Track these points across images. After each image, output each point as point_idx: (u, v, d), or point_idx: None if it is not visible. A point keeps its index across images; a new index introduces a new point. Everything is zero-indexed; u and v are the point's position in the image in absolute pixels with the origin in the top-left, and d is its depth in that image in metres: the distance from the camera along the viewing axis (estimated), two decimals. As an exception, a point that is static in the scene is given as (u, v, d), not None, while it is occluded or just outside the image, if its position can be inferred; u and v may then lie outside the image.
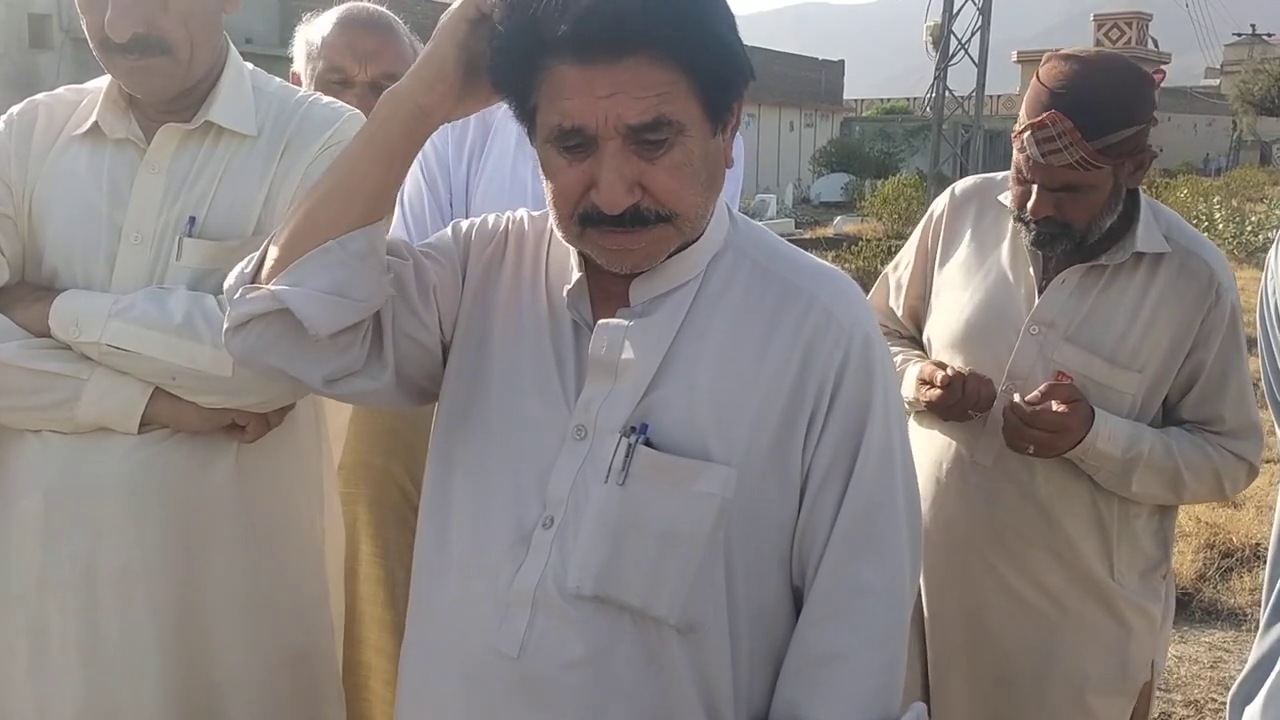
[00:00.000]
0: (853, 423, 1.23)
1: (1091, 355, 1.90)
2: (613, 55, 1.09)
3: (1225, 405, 1.92)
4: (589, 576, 1.19)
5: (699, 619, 1.21)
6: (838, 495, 1.23)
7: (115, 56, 1.60)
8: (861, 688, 1.21)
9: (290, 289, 1.20)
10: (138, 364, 1.59)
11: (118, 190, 1.66)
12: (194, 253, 1.64)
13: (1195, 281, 1.90)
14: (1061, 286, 1.94)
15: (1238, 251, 15.22)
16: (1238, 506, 5.30)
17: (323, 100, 1.78)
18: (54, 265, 1.67)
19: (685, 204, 1.17)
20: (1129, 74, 1.84)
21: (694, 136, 1.15)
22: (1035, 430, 1.84)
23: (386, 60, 2.18)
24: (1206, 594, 4.43)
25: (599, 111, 1.11)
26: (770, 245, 1.32)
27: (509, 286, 1.33)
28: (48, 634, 1.64)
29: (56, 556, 1.62)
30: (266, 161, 1.68)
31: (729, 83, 1.17)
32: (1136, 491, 1.90)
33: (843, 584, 1.22)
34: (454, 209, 2.06)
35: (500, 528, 1.25)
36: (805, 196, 31.57)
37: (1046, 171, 1.82)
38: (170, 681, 1.64)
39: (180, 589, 1.64)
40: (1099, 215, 1.86)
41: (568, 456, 1.23)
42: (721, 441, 1.20)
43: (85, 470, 1.62)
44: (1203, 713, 3.57)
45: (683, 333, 1.24)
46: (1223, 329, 1.90)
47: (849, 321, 1.24)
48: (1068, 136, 1.76)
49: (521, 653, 1.21)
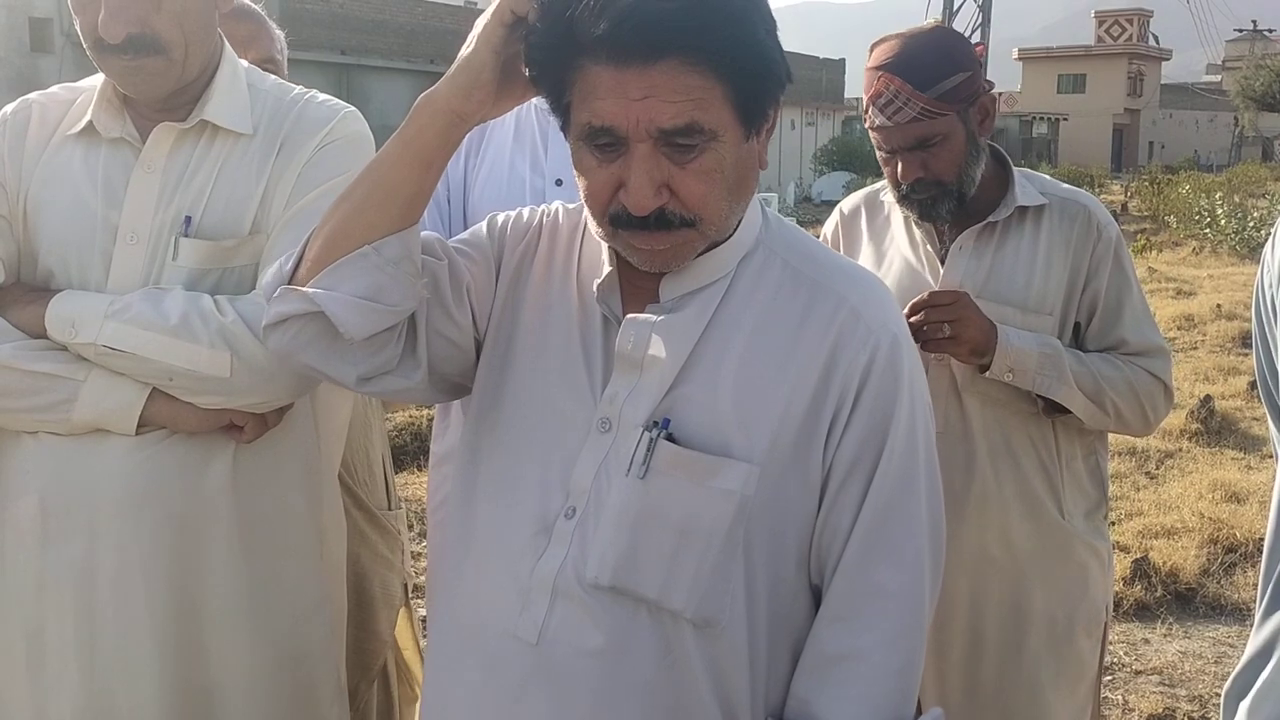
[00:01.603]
0: (877, 424, 1.22)
1: (1004, 306, 2.00)
2: (647, 59, 1.09)
3: (1124, 329, 2.04)
4: (607, 567, 1.20)
5: (715, 614, 1.21)
6: (859, 496, 1.23)
7: (109, 57, 1.59)
8: (875, 690, 1.20)
9: (326, 293, 1.22)
10: (134, 365, 1.59)
11: (113, 190, 1.65)
12: (190, 252, 1.63)
13: (1076, 223, 2.03)
14: (960, 252, 2.05)
15: (1240, 247, 15.19)
16: (1241, 501, 5.29)
17: (319, 98, 1.77)
18: (49, 266, 1.66)
19: (710, 209, 1.18)
20: (941, 32, 2.02)
21: (726, 142, 1.15)
22: (934, 309, 1.91)
23: (263, 45, 2.23)
24: (1210, 589, 4.42)
25: (631, 114, 1.11)
26: (802, 246, 1.32)
27: (540, 279, 1.34)
28: (45, 635, 1.63)
29: (54, 558, 1.62)
30: (262, 160, 1.68)
31: (764, 89, 1.17)
32: (1074, 394, 1.95)
33: (860, 585, 1.22)
34: (452, 205, 2.06)
35: (524, 517, 1.26)
36: (807, 195, 31.55)
37: (899, 133, 1.94)
38: (167, 682, 1.64)
39: (177, 590, 1.64)
40: (965, 166, 1.97)
41: (591, 448, 1.24)
42: (744, 439, 1.21)
43: (82, 471, 1.62)
44: (1206, 708, 3.56)
45: (710, 330, 1.24)
46: (1109, 260, 2.03)
47: (877, 323, 1.24)
48: (904, 94, 1.89)
49: (540, 640, 1.22)
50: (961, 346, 1.92)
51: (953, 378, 2.02)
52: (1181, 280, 12.60)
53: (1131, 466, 5.93)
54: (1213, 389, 7.37)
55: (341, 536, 1.91)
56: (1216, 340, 9.21)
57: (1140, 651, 3.98)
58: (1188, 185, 21.48)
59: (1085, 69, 58.15)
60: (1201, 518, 4.98)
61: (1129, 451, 6.10)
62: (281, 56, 2.33)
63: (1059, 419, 2.02)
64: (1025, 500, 2.02)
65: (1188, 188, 20.90)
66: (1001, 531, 2.02)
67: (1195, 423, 6.54)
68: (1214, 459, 6.09)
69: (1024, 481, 2.02)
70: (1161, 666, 3.85)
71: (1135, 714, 3.53)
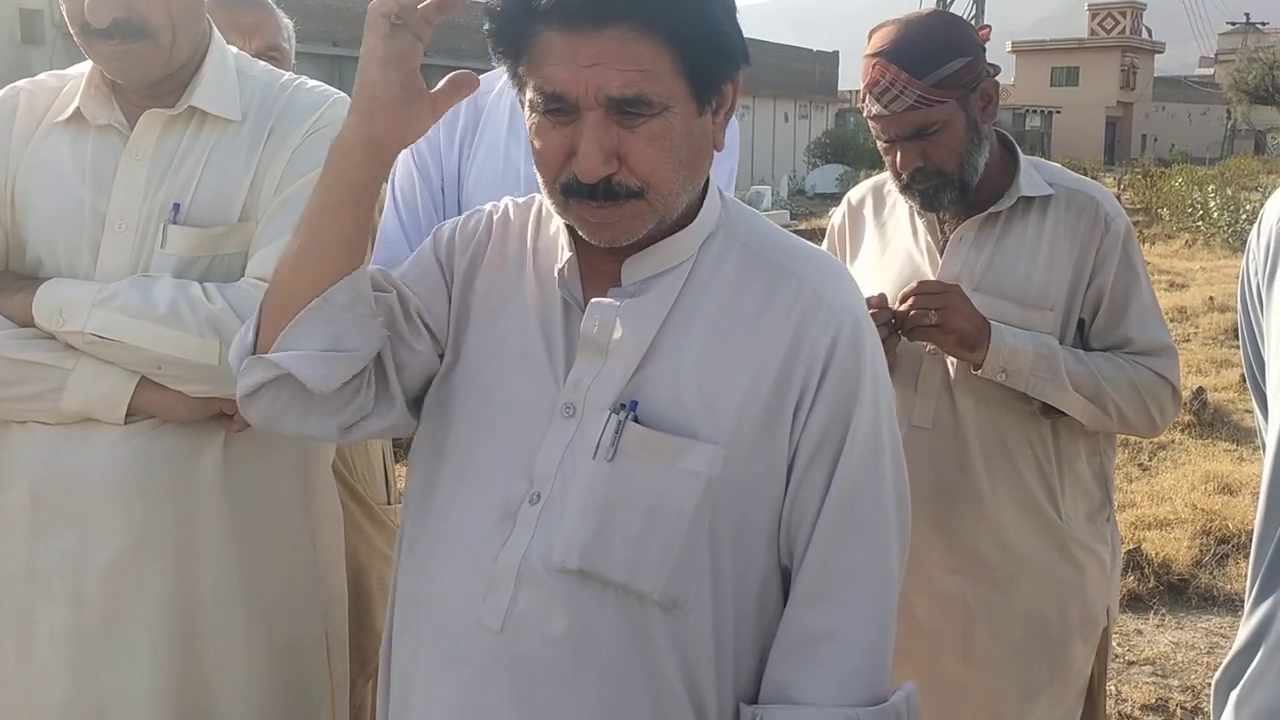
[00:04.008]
0: (841, 405, 1.23)
1: (1001, 300, 1.95)
2: (597, 23, 1.10)
3: (1130, 326, 1.97)
4: (575, 551, 1.20)
5: (682, 595, 1.22)
6: (825, 476, 1.23)
7: (96, 42, 1.58)
8: (850, 668, 1.21)
9: (288, 354, 1.22)
10: (123, 353, 1.58)
11: (101, 177, 1.64)
12: (179, 240, 1.62)
13: (1084, 215, 1.97)
14: (960, 243, 2.00)
15: (1232, 240, 15.21)
16: (1234, 493, 5.31)
17: (308, 84, 1.76)
18: (37, 254, 1.65)
19: (659, 176, 1.17)
20: (941, 17, 1.97)
21: (677, 114, 1.16)
22: (921, 295, 1.88)
23: (268, 33, 2.21)
24: (1203, 580, 4.43)
25: (581, 80, 1.12)
26: (762, 229, 1.33)
27: (494, 273, 1.34)
28: (34, 626, 1.62)
29: (43, 548, 1.61)
30: (251, 147, 1.67)
31: (717, 63, 1.17)
32: (1070, 397, 1.91)
33: (830, 565, 1.23)
34: (446, 195, 2.04)
35: (488, 504, 1.26)
36: (800, 188, 31.55)
37: (896, 122, 1.89)
38: (158, 673, 1.63)
39: (168, 579, 1.63)
40: (966, 154, 1.92)
41: (555, 433, 1.24)
42: (709, 421, 1.21)
43: (71, 461, 1.61)
44: (1199, 698, 3.57)
45: (673, 314, 1.25)
46: (1116, 254, 1.97)
47: (840, 305, 1.25)
48: (900, 82, 1.85)
49: (504, 626, 1.22)
50: (948, 336, 1.88)
51: (946, 374, 1.98)
52: (1174, 273, 12.64)
53: (1124, 458, 5.95)
54: (1205, 381, 7.39)
55: (337, 526, 1.90)
56: (1209, 333, 9.24)
57: (1133, 642, 3.99)
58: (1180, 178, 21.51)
59: (1078, 62, 58.20)
60: (1194, 509, 5.00)
61: (1122, 443, 6.10)
62: (289, 45, 2.32)
63: (1060, 419, 1.97)
64: (1020, 500, 1.97)
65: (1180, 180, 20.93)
66: (995, 531, 1.98)
67: (1188, 414, 6.56)
68: (1206, 451, 6.11)
69: (1019, 481, 1.97)
70: (1154, 657, 3.87)
71: (1128, 704, 3.54)
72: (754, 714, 1.23)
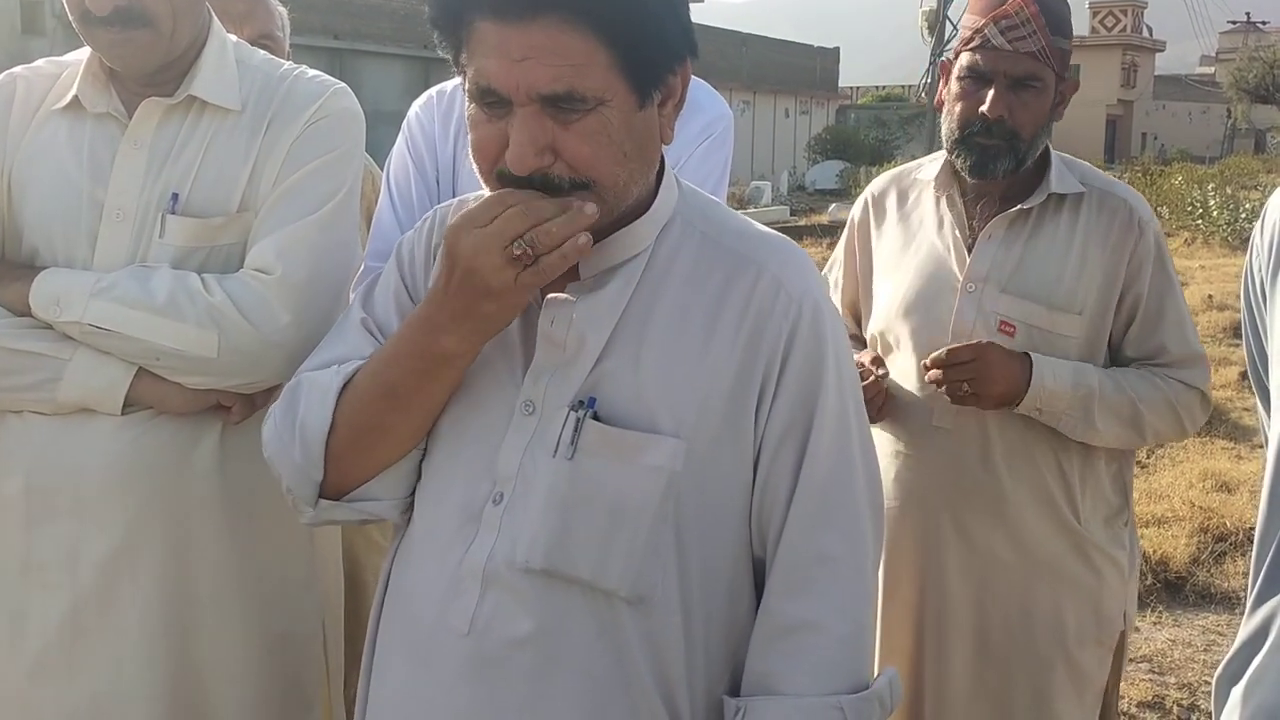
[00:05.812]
0: (806, 390, 1.22)
1: (1029, 301, 1.93)
2: (526, 14, 1.09)
3: (1166, 336, 1.96)
4: (539, 550, 1.20)
5: (649, 591, 1.21)
6: (794, 462, 1.22)
7: (96, 30, 1.57)
8: (831, 656, 1.20)
9: (375, 503, 1.32)
10: (120, 344, 1.57)
11: (99, 166, 1.63)
12: (177, 230, 1.61)
13: (1116, 218, 1.95)
14: (989, 240, 1.97)
15: (1232, 239, 15.21)
16: (1231, 491, 5.30)
17: (308, 74, 1.75)
18: (34, 243, 1.64)
19: (600, 172, 1.16)
20: None
21: (614, 108, 1.14)
22: (956, 366, 1.87)
23: (260, 20, 2.20)
24: (1200, 578, 4.43)
25: (512, 76, 1.11)
26: (718, 216, 1.32)
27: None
28: (29, 618, 1.62)
29: (39, 538, 1.60)
30: (250, 137, 1.65)
31: (654, 56, 1.15)
32: (1101, 432, 1.91)
33: (805, 554, 1.22)
34: (441, 186, 2.03)
35: (451, 507, 1.26)
36: (800, 184, 31.50)
37: (1011, 60, 1.85)
38: (153, 663, 1.62)
39: (164, 571, 1.62)
40: (1038, 132, 1.90)
41: (516, 432, 1.23)
42: (669, 414, 1.20)
43: (68, 452, 1.60)
44: (1196, 695, 3.57)
45: (631, 307, 1.24)
46: (1151, 261, 1.95)
47: (799, 290, 1.24)
48: (1033, 22, 1.82)
49: (471, 629, 1.21)
50: (985, 401, 1.87)
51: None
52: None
53: (1123, 456, 5.94)
54: (1204, 379, 7.38)
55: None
56: (1208, 331, 9.22)
57: (1130, 639, 3.99)
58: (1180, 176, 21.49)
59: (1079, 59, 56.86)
60: (1192, 507, 5.00)
61: (1120, 441, 6.11)
62: (282, 34, 2.31)
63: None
64: (1039, 503, 1.96)
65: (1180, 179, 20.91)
66: (1012, 533, 1.96)
67: (1187, 413, 6.55)
68: (1205, 448, 6.11)
69: (1039, 484, 1.96)
70: (1151, 654, 3.87)
71: (1125, 701, 3.54)
72: (737, 707, 1.22)
